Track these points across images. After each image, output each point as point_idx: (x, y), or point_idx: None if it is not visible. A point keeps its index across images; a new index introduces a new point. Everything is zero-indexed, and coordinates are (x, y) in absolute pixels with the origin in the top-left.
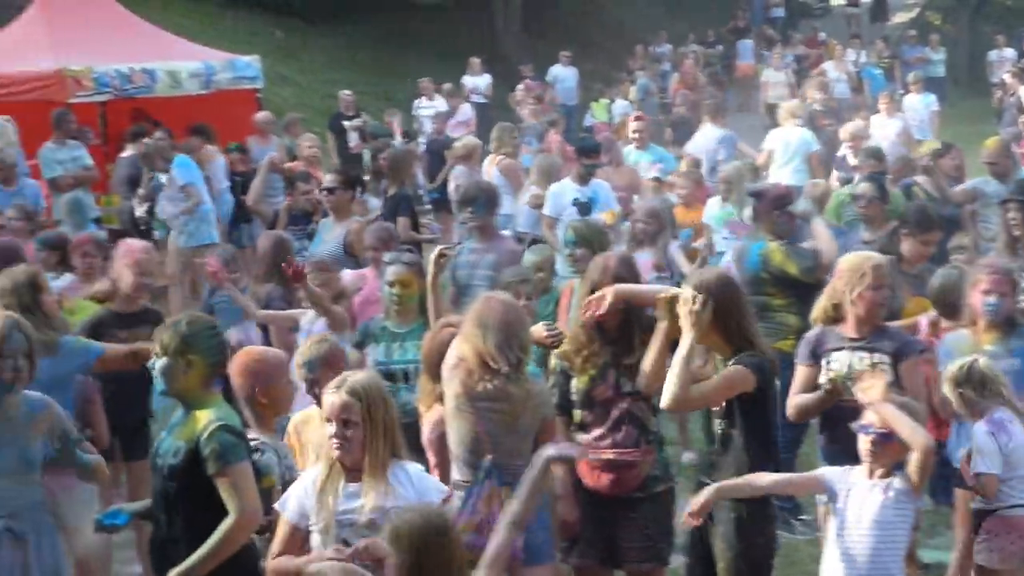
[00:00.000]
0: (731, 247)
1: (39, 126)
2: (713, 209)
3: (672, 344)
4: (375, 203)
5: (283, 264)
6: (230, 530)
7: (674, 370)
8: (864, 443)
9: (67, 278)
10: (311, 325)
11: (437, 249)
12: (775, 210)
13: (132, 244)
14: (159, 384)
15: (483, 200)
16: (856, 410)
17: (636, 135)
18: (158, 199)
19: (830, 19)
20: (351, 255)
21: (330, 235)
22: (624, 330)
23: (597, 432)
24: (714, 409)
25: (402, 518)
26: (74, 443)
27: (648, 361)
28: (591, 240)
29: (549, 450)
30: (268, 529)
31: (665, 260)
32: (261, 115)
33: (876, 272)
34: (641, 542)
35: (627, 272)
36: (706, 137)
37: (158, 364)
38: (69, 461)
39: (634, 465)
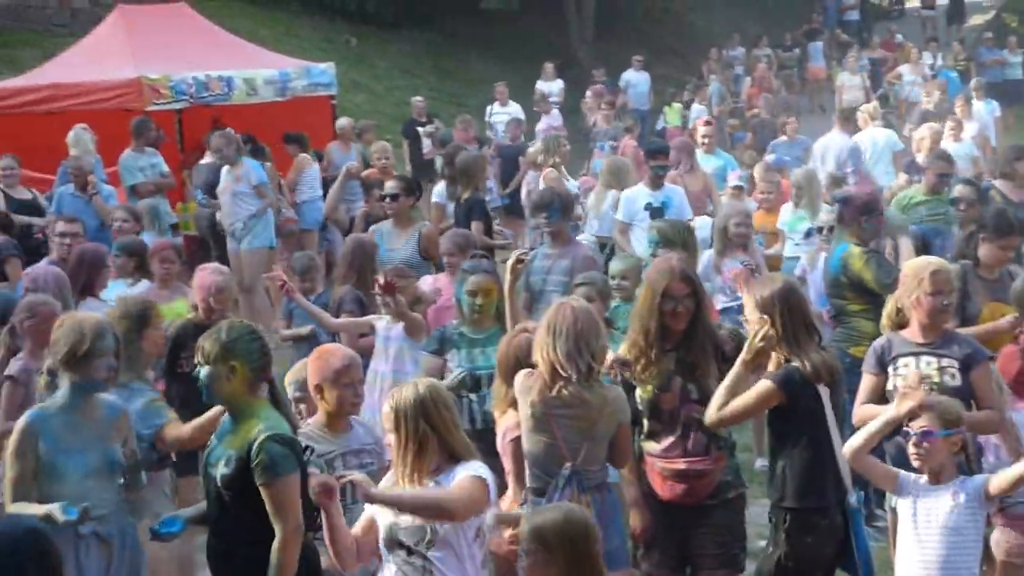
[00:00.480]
0: (804, 252)
1: (117, 134)
2: (785, 215)
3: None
4: (453, 208)
5: (374, 277)
6: (281, 551)
7: (719, 391)
8: (910, 448)
9: (144, 284)
10: (388, 331)
11: (514, 255)
12: (862, 216)
13: (204, 270)
14: (204, 392)
15: (557, 205)
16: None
17: (705, 140)
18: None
19: (905, 22)
20: (426, 259)
21: (396, 241)
22: (689, 336)
23: (667, 441)
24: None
25: (544, 516)
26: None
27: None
28: (674, 240)
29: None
30: (317, 527)
31: (757, 263)
32: (342, 122)
33: (934, 278)
34: (715, 549)
35: (692, 271)
36: (835, 143)
37: (202, 373)
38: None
39: (705, 474)
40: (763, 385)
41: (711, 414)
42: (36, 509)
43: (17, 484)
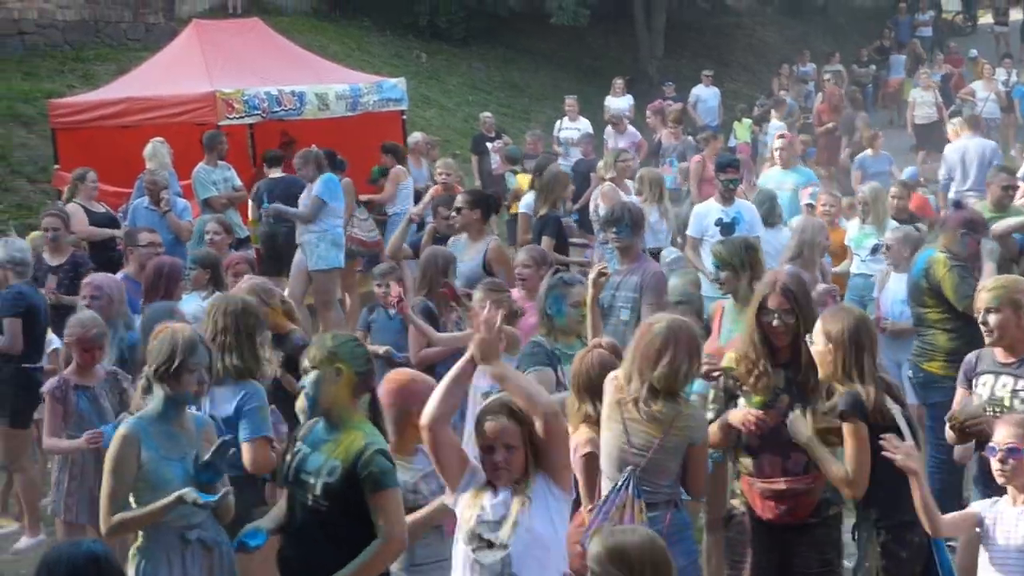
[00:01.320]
0: (874, 270)
1: (190, 148)
2: (852, 231)
3: None
4: None
5: (443, 288)
6: (378, 553)
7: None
8: (994, 465)
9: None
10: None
11: (596, 269)
12: (962, 228)
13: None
14: (309, 398)
15: (628, 221)
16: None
17: (779, 154)
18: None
19: (978, 38)
20: (490, 273)
21: (465, 255)
22: (796, 354)
23: (766, 459)
24: None
25: (626, 537)
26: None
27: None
28: (730, 261)
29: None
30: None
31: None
32: (415, 136)
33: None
34: (819, 567)
35: (796, 287)
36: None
37: (308, 378)
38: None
39: (807, 493)
40: (851, 428)
41: (855, 493)
42: (161, 503)
43: (116, 494)
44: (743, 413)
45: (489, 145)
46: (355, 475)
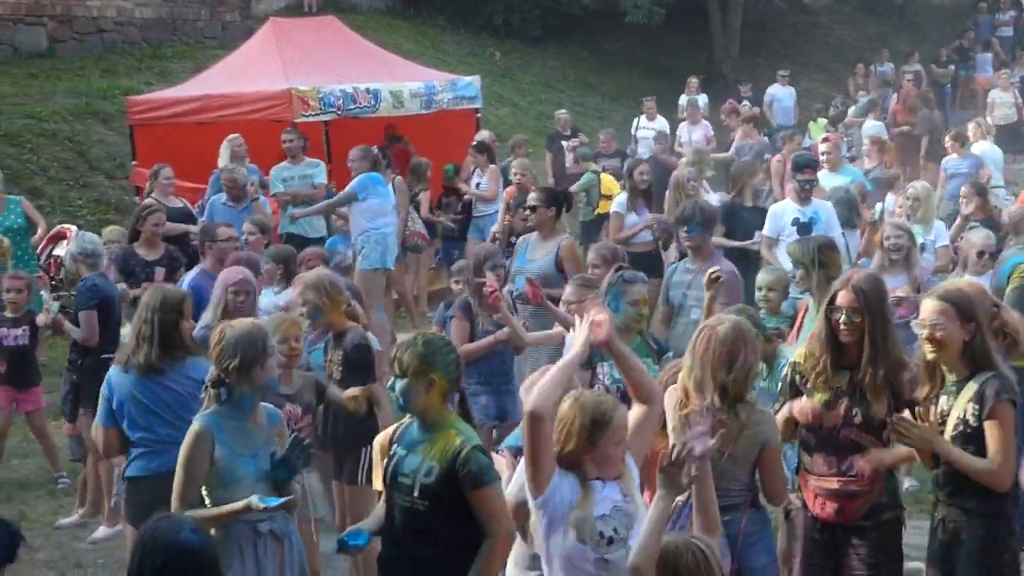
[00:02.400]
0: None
1: (266, 144)
2: None
3: None
4: (633, 219)
5: (480, 283)
6: (492, 552)
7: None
8: None
9: (291, 291)
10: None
11: (709, 272)
12: None
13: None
14: (401, 405)
15: (699, 219)
16: None
17: (826, 157)
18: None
19: None
20: (561, 271)
21: (537, 252)
22: (862, 356)
23: (821, 458)
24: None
25: (673, 546)
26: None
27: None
28: (802, 260)
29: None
30: None
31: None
32: (483, 135)
33: None
34: (866, 571)
35: (869, 286)
36: None
37: (398, 385)
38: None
39: (858, 495)
40: (1004, 412)
41: (1003, 482)
42: (229, 507)
43: (187, 490)
44: (800, 405)
45: (564, 143)
46: (453, 474)
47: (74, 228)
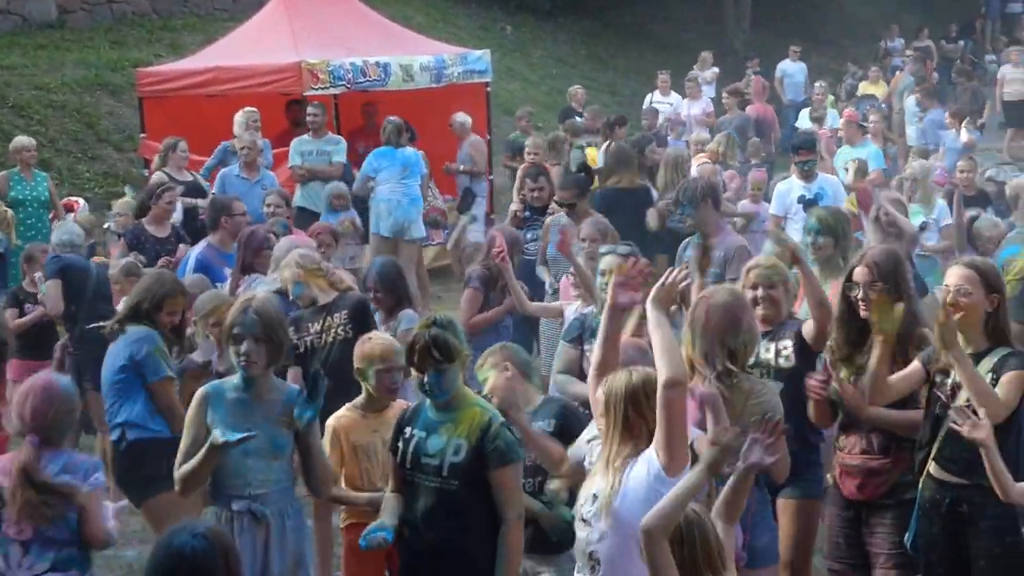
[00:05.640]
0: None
1: (275, 117)
2: None
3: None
4: None
5: (495, 249)
6: (514, 534)
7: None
8: None
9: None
10: (576, 313)
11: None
12: None
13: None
14: (438, 392)
15: (687, 199)
16: None
17: (844, 132)
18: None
19: None
20: None
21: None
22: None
23: (851, 436)
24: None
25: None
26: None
27: (871, 375)
28: (835, 229)
29: (753, 456)
30: None
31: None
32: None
33: None
34: (889, 548)
35: (885, 261)
36: None
37: (448, 373)
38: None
39: (880, 472)
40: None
41: (997, 413)
42: (200, 455)
43: (188, 451)
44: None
45: (578, 119)
46: (482, 449)
47: (81, 201)
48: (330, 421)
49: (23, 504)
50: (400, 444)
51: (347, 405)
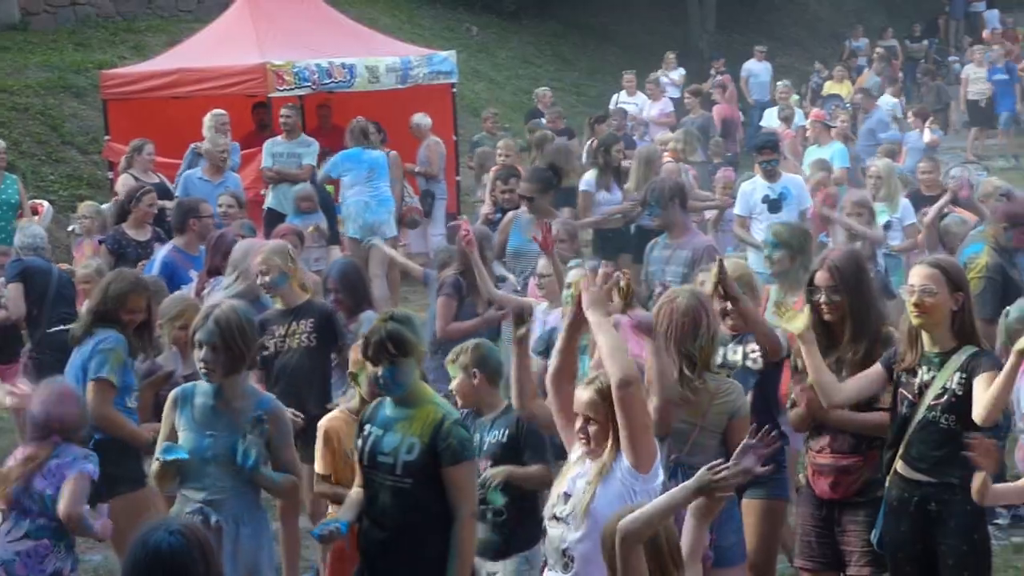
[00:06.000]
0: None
1: (240, 119)
2: None
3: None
4: (604, 197)
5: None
6: (466, 530)
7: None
8: None
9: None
10: (546, 315)
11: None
12: (1003, 222)
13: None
14: (396, 385)
15: (655, 199)
16: None
17: (811, 132)
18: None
19: None
20: None
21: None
22: (844, 332)
23: (819, 436)
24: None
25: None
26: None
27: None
28: (791, 243)
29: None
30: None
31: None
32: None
33: None
34: (861, 546)
35: (845, 264)
36: None
37: (402, 365)
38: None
39: (850, 471)
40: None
41: (989, 416)
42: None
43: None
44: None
45: (541, 120)
46: (435, 447)
47: (46, 204)
48: (323, 423)
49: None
50: (360, 442)
51: (340, 407)
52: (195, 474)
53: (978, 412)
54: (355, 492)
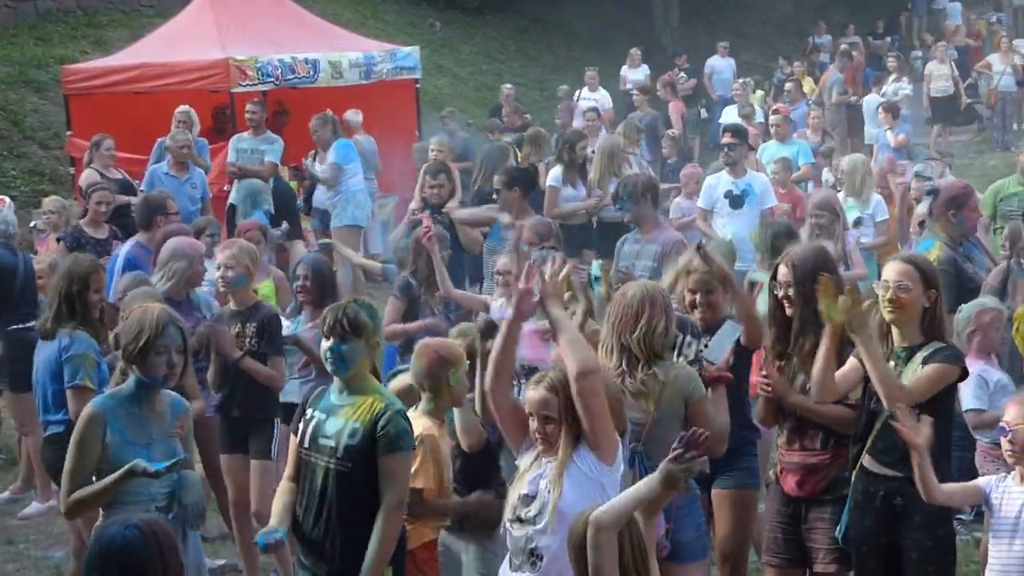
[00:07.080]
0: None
1: (202, 114)
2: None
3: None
4: (569, 193)
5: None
6: (389, 521)
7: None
8: (1004, 445)
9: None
10: (502, 312)
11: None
12: (950, 210)
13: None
14: (341, 366)
15: (625, 194)
16: None
17: (774, 128)
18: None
19: (999, 12)
20: None
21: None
22: (805, 327)
23: (787, 432)
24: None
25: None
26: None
27: (817, 370)
28: (759, 246)
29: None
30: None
31: (844, 252)
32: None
33: None
34: (829, 544)
35: (801, 260)
36: None
37: (349, 344)
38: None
39: (819, 468)
40: (946, 369)
41: (901, 398)
42: (111, 477)
43: (77, 473)
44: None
45: (498, 120)
46: (374, 433)
47: (7, 199)
48: (419, 432)
49: None
50: (301, 425)
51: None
52: (140, 488)
53: (813, 391)
54: (285, 490)
